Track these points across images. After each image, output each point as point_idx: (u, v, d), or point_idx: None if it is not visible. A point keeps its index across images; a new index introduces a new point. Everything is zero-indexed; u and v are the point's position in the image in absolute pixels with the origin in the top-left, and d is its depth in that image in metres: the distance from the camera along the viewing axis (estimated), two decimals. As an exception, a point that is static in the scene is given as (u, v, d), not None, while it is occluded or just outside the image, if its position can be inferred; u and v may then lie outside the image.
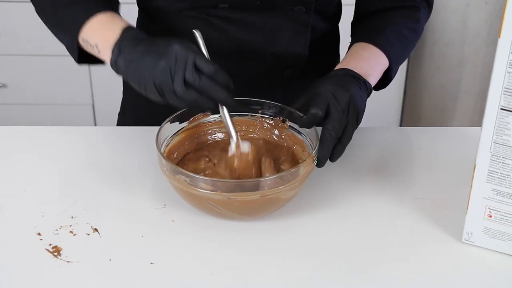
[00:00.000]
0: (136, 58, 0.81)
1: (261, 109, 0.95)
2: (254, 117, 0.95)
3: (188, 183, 0.79)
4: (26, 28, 2.27)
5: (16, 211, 0.86)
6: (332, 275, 0.77)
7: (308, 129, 0.89)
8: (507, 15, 0.68)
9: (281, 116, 0.94)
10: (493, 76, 0.72)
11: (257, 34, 1.01)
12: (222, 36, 1.00)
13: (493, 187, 0.77)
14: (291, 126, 0.94)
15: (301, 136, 0.92)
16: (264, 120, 0.95)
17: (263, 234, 0.83)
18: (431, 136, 1.07)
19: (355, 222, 0.86)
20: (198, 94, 0.80)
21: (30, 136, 1.04)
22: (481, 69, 2.38)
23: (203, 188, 0.79)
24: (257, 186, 0.79)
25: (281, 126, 0.94)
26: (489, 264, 0.79)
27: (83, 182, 0.92)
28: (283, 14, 0.99)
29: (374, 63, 0.97)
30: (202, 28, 0.88)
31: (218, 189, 0.78)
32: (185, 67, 0.79)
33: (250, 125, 0.96)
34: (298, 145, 0.93)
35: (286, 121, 0.94)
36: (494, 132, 0.74)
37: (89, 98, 2.42)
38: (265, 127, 0.95)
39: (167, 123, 0.89)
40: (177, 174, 0.80)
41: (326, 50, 1.13)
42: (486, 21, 2.30)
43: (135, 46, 0.82)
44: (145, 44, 0.82)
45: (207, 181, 0.79)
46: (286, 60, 1.04)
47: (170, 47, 0.79)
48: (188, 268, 0.77)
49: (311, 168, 0.84)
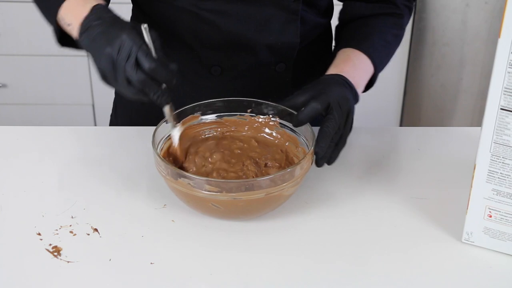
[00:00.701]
0: (94, 38, 0.81)
1: (250, 107, 0.95)
2: (243, 116, 0.95)
3: (192, 186, 0.79)
4: (26, 28, 2.27)
5: (16, 211, 0.86)
6: (332, 274, 0.77)
7: (303, 125, 0.89)
8: (507, 15, 0.68)
9: (272, 114, 0.94)
10: (493, 76, 0.72)
11: (247, 25, 1.00)
12: (213, 28, 1.00)
13: (493, 187, 0.77)
14: (281, 123, 0.94)
15: (293, 133, 0.92)
16: (253, 119, 0.95)
17: (263, 234, 0.83)
18: (431, 136, 1.07)
19: (355, 222, 0.86)
20: (136, 89, 0.79)
21: (30, 136, 1.04)
22: (481, 69, 2.38)
23: (208, 190, 0.78)
24: (262, 184, 0.79)
25: (273, 124, 0.94)
26: (489, 264, 0.79)
27: (83, 182, 0.92)
28: (272, 3, 0.99)
29: (363, 73, 0.99)
30: (192, 21, 0.87)
31: (224, 190, 0.78)
32: (126, 59, 0.78)
33: (239, 124, 0.96)
34: (291, 142, 0.93)
35: (277, 118, 0.94)
36: (494, 132, 0.74)
37: (89, 98, 2.42)
38: (255, 126, 0.95)
39: (163, 123, 0.88)
40: (180, 178, 0.80)
41: (319, 46, 1.13)
42: (486, 21, 2.30)
43: (97, 26, 0.82)
44: (104, 26, 0.82)
45: (212, 183, 0.78)
46: (278, 51, 1.04)
47: (119, 36, 0.79)
48: (188, 268, 0.77)
49: (310, 163, 0.84)
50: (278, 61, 1.05)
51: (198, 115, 0.94)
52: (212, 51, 1.02)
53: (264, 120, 0.95)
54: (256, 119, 0.95)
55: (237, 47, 1.02)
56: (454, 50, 2.37)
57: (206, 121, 0.95)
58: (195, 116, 0.94)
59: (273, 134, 0.95)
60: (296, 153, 0.92)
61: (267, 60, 1.05)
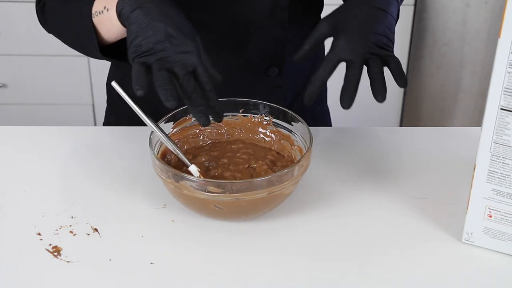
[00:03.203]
0: (150, 12, 0.80)
1: (243, 107, 0.95)
2: (235, 116, 0.95)
3: (194, 188, 0.79)
4: (26, 28, 2.27)
5: (16, 211, 0.86)
6: (332, 274, 0.77)
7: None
8: (507, 15, 0.68)
9: (265, 113, 0.94)
10: (493, 76, 0.72)
11: (233, 23, 0.99)
12: (201, 28, 1.00)
13: (493, 187, 0.77)
14: (274, 122, 0.94)
15: (287, 132, 0.92)
16: (246, 119, 0.95)
17: (263, 234, 0.83)
18: (431, 136, 1.07)
19: (355, 222, 0.86)
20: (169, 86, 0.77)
21: (30, 136, 1.04)
22: (481, 69, 2.38)
23: (211, 191, 0.78)
24: (265, 183, 0.79)
25: (266, 123, 0.94)
26: (489, 264, 0.79)
27: (83, 182, 0.92)
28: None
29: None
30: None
31: (227, 191, 0.78)
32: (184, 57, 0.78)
33: (232, 124, 0.96)
34: (285, 140, 0.93)
35: (270, 117, 0.94)
36: (494, 132, 0.74)
37: (89, 98, 2.42)
38: (247, 126, 0.95)
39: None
40: (182, 180, 0.80)
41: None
42: (486, 21, 2.30)
43: (151, 3, 0.81)
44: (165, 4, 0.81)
45: (214, 184, 0.78)
46: (267, 51, 1.03)
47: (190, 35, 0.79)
48: (188, 268, 0.77)
49: (309, 161, 0.84)
50: (270, 64, 1.04)
51: (190, 117, 0.93)
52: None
53: (257, 120, 0.95)
54: (249, 119, 0.95)
55: (226, 49, 1.01)
56: (454, 50, 2.37)
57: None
58: (188, 119, 0.93)
59: (267, 133, 0.95)
60: (291, 151, 0.92)
61: (257, 63, 1.04)
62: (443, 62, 2.40)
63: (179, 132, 0.93)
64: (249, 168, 0.89)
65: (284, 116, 0.92)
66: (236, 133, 0.96)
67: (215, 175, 0.88)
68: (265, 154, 0.92)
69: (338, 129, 1.09)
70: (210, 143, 0.95)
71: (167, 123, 0.90)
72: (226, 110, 0.94)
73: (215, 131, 0.96)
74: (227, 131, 0.96)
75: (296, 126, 0.91)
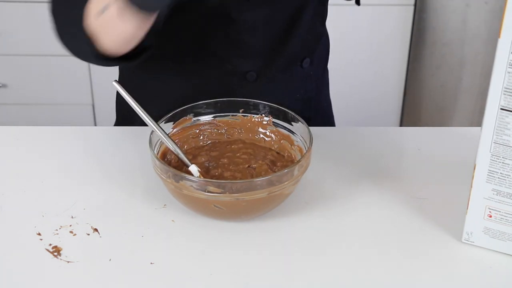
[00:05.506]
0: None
1: (242, 107, 0.95)
2: (235, 116, 0.95)
3: (194, 188, 0.79)
4: (26, 28, 2.27)
5: (16, 211, 0.86)
6: (332, 274, 0.77)
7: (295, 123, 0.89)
8: (507, 15, 0.68)
9: (265, 113, 0.94)
10: (493, 76, 0.72)
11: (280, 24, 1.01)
12: (251, 36, 1.00)
13: (493, 187, 0.77)
14: (274, 122, 0.94)
15: (287, 132, 0.92)
16: (246, 119, 0.95)
17: (263, 234, 0.83)
18: (431, 136, 1.07)
19: (355, 222, 0.86)
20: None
21: (30, 136, 1.04)
22: (481, 69, 2.38)
23: (211, 191, 0.78)
24: (265, 183, 0.79)
25: (266, 123, 0.94)
26: (489, 264, 0.79)
27: (83, 182, 0.92)
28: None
29: None
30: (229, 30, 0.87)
31: (227, 191, 0.78)
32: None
33: (231, 125, 0.96)
34: (285, 140, 0.93)
35: (269, 117, 0.94)
36: (494, 132, 0.74)
37: (89, 98, 2.42)
38: (247, 126, 0.95)
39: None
40: (182, 180, 0.80)
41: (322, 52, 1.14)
42: (486, 21, 2.30)
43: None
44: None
45: (214, 184, 0.78)
46: (306, 45, 1.05)
47: None
48: (188, 268, 0.77)
49: (309, 161, 0.85)
50: (305, 55, 1.07)
51: (190, 117, 0.94)
52: (248, 58, 1.03)
53: (257, 120, 0.95)
54: (249, 119, 0.95)
55: (272, 48, 1.03)
56: (454, 50, 2.37)
57: (199, 122, 0.95)
58: (188, 119, 0.94)
59: (267, 133, 0.95)
60: (291, 151, 0.92)
61: (295, 56, 1.06)
62: (443, 62, 2.40)
63: (179, 132, 0.93)
64: (249, 168, 0.89)
65: (284, 116, 0.92)
66: (236, 133, 0.96)
67: (215, 175, 0.88)
68: (265, 154, 0.92)
69: (338, 129, 1.09)
70: (210, 143, 0.95)
71: (167, 123, 0.90)
72: (226, 110, 0.94)
73: (215, 131, 0.96)
74: (227, 131, 0.96)
75: (296, 126, 0.91)
